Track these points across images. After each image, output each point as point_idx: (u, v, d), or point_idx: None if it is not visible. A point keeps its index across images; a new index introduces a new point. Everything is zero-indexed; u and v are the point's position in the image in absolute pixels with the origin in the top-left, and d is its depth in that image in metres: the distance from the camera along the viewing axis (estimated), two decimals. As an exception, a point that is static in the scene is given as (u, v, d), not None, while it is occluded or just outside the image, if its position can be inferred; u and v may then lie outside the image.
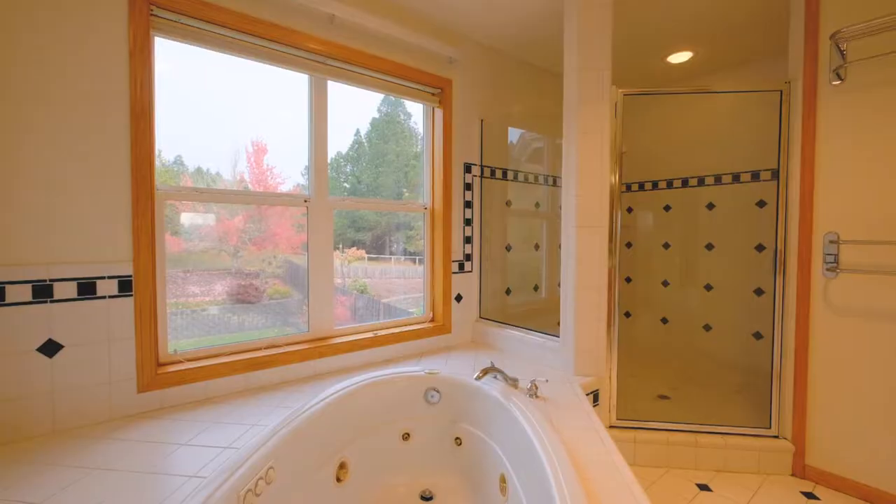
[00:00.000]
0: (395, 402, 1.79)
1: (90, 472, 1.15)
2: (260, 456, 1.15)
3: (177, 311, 1.81)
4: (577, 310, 2.02)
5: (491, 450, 1.60)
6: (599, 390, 2.03)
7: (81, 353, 1.40)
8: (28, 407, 1.32)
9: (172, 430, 1.39)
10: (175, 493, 1.05)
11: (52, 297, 1.36)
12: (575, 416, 1.57)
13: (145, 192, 1.50)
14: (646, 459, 2.05)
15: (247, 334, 2.04)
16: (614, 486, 1.12)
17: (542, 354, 2.20)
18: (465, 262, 2.61)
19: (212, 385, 1.66)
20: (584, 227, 2.01)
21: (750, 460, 2.02)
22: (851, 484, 1.86)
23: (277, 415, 1.51)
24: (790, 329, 2.00)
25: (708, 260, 2.92)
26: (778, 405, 2.05)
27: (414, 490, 1.68)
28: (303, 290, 2.14)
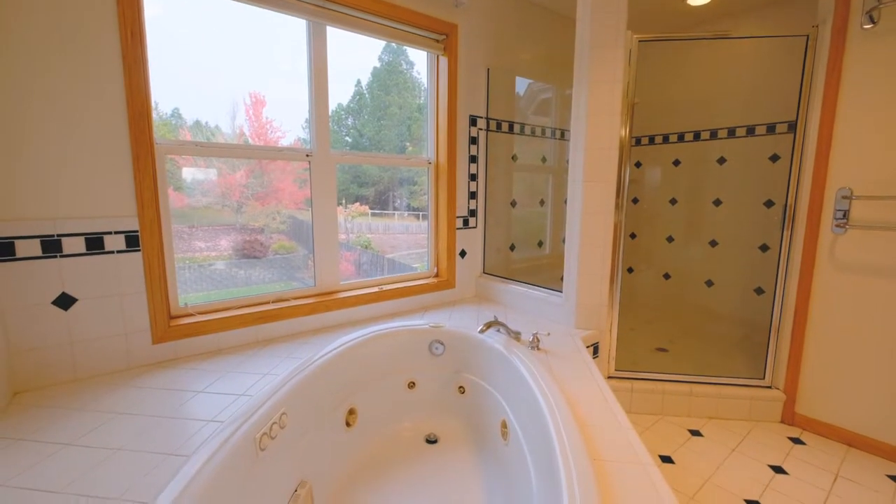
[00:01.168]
0: (401, 353, 1.86)
1: (114, 416, 1.21)
2: (273, 402, 1.21)
3: (184, 266, 1.83)
4: (581, 265, 2.03)
5: (493, 397, 1.68)
6: (599, 343, 2.09)
7: (95, 306, 1.44)
8: (50, 356, 1.38)
9: (188, 379, 1.46)
10: (195, 436, 1.12)
11: (62, 251, 1.37)
12: (575, 367, 1.62)
13: (144, 145, 1.48)
14: (641, 407, 2.14)
15: (254, 288, 2.08)
16: (610, 431, 1.18)
17: (544, 309, 2.24)
18: (470, 218, 2.59)
19: (223, 337, 1.72)
20: (590, 182, 1.97)
21: (741, 408, 2.10)
22: (836, 430, 1.95)
23: (287, 365, 1.57)
24: (793, 284, 2.02)
25: (715, 216, 2.89)
26: (773, 358, 2.11)
27: (419, 434, 1.78)
28: (307, 245, 2.15)
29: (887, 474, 1.74)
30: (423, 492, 1.46)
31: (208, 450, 0.98)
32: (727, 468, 1.76)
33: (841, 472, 1.75)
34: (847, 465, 1.79)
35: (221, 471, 0.94)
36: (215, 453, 0.96)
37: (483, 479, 1.50)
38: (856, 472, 1.75)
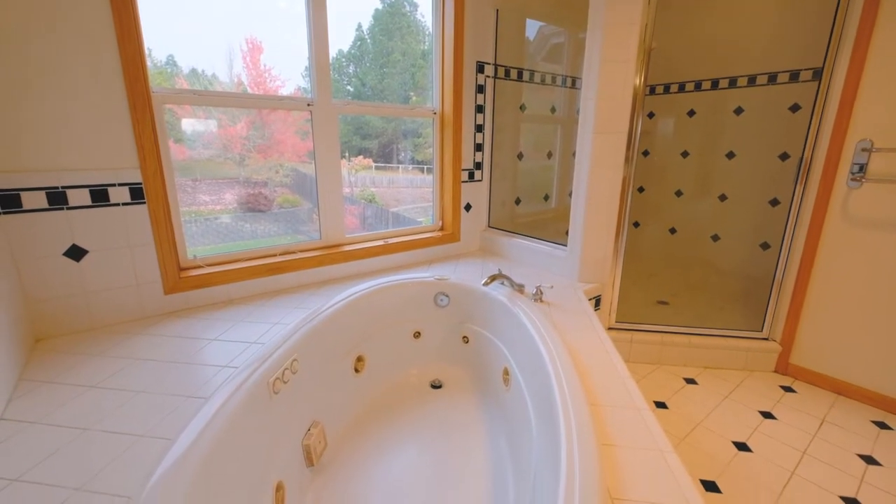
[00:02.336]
0: (407, 304, 1.90)
1: (134, 362, 1.27)
2: (285, 349, 1.26)
3: (190, 220, 1.84)
4: (587, 219, 2.01)
5: (496, 347, 1.73)
6: (602, 296, 2.12)
7: (106, 258, 1.47)
8: (66, 305, 1.42)
9: (201, 328, 1.51)
10: (211, 380, 1.18)
11: (68, 204, 1.38)
12: (576, 318, 1.65)
13: (140, 94, 1.43)
14: (639, 357, 2.21)
15: (260, 241, 2.10)
16: (608, 379, 1.23)
17: (548, 262, 2.26)
18: (475, 171, 2.55)
19: (232, 288, 1.76)
20: (601, 134, 1.91)
21: (737, 359, 2.17)
22: (827, 379, 2.02)
23: (296, 315, 1.62)
24: (800, 239, 2.00)
25: (726, 169, 2.81)
26: (773, 311, 2.14)
27: (425, 379, 1.86)
28: (311, 198, 2.14)
29: (872, 420, 1.81)
30: (428, 431, 1.55)
31: (225, 392, 1.03)
32: (718, 413, 1.84)
33: (828, 417, 1.83)
34: (834, 412, 1.87)
35: (238, 411, 1.00)
36: (232, 396, 1.02)
37: (485, 422, 1.59)
38: (842, 417, 1.83)
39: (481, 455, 1.42)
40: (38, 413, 1.03)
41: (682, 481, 0.85)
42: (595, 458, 0.84)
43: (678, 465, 0.89)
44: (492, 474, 1.34)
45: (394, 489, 1.29)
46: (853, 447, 1.65)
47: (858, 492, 1.44)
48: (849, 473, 1.52)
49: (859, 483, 1.48)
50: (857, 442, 1.68)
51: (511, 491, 1.25)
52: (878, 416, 1.84)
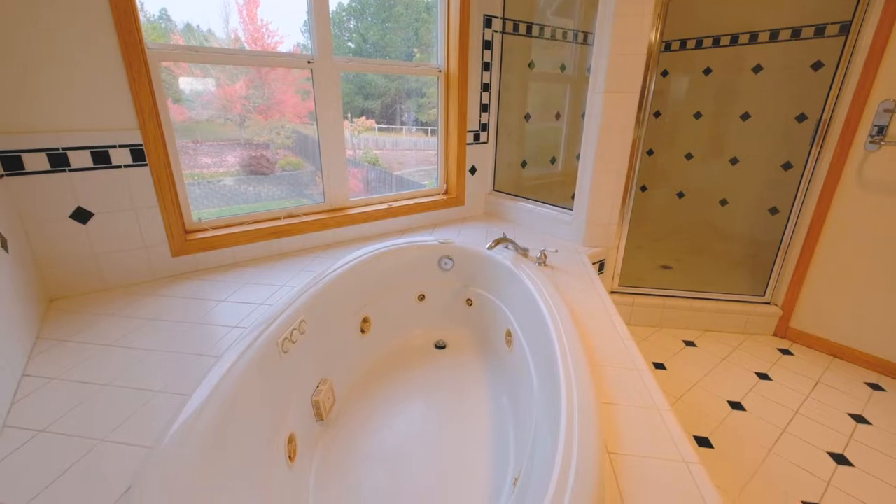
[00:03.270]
0: (411, 268, 1.91)
1: (147, 322, 1.31)
2: (292, 311, 1.29)
3: (194, 182, 1.83)
4: (594, 183, 1.98)
5: (499, 309, 1.76)
6: (606, 260, 2.12)
7: (112, 220, 1.48)
8: (77, 267, 1.45)
9: (209, 290, 1.54)
10: (222, 339, 1.21)
11: (70, 165, 1.37)
12: (580, 282, 1.67)
13: (135, 50, 1.38)
14: (641, 320, 2.25)
15: (264, 204, 2.09)
16: (609, 341, 1.25)
17: (553, 226, 2.25)
18: (481, 133, 2.49)
19: (238, 251, 1.78)
20: (612, 93, 1.84)
21: (737, 322, 2.20)
22: (825, 342, 2.05)
23: (302, 278, 1.64)
24: (811, 203, 1.97)
25: (740, 131, 2.73)
26: (777, 276, 2.14)
27: (429, 340, 1.91)
28: (314, 161, 2.11)
29: (866, 381, 1.85)
30: (432, 389, 1.60)
31: (236, 351, 1.06)
32: (715, 374, 1.89)
33: (822, 379, 1.87)
34: (829, 374, 1.91)
35: (249, 369, 1.03)
36: (243, 354, 1.05)
37: (488, 380, 1.64)
38: (837, 379, 1.87)
39: (483, 411, 1.48)
40: (57, 369, 1.07)
41: (678, 437, 0.88)
42: (594, 415, 0.87)
43: (674, 422, 0.93)
44: (493, 429, 1.40)
45: (399, 441, 1.36)
46: (845, 407, 1.70)
47: (846, 448, 1.50)
48: (838, 431, 1.58)
49: (848, 440, 1.54)
50: (850, 402, 1.73)
51: (511, 444, 1.31)
52: (873, 379, 1.88)
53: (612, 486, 0.77)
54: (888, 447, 1.50)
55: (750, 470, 1.40)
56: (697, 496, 0.75)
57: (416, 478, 1.23)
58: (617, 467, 0.81)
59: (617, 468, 0.81)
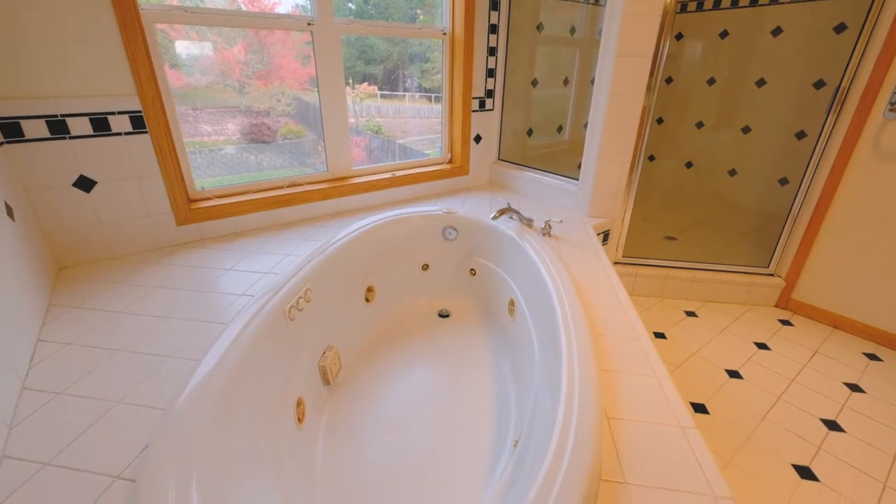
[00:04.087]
0: (415, 237, 1.91)
1: (155, 290, 1.33)
2: (298, 279, 1.30)
3: (195, 151, 1.81)
4: (601, 152, 1.94)
5: (502, 279, 1.77)
6: (610, 231, 2.11)
7: (115, 189, 1.47)
8: (84, 236, 1.46)
9: (215, 258, 1.55)
10: (230, 307, 1.23)
11: (70, 133, 1.35)
12: (584, 253, 1.67)
13: (129, 10, 1.33)
14: (643, 290, 2.26)
15: (266, 173, 2.08)
16: (612, 310, 1.26)
17: (559, 197, 2.22)
18: (486, 100, 2.42)
19: (242, 220, 1.78)
20: (624, 58, 1.78)
21: (739, 293, 2.21)
22: (826, 314, 2.06)
23: (307, 247, 1.65)
24: (823, 173, 1.93)
25: (754, 98, 2.64)
26: (782, 247, 2.13)
27: (433, 309, 1.94)
28: (315, 129, 2.08)
29: (864, 352, 1.88)
30: (436, 356, 1.64)
31: (244, 319, 1.08)
32: (715, 344, 1.91)
33: (821, 349, 1.90)
34: (828, 344, 1.93)
35: (257, 336, 1.06)
36: (250, 321, 1.07)
37: (490, 348, 1.67)
38: (835, 349, 1.90)
39: (485, 377, 1.52)
40: (71, 335, 1.10)
41: (675, 403, 0.91)
42: (594, 382, 0.89)
43: (672, 389, 0.95)
44: (494, 394, 1.44)
45: (404, 405, 1.40)
46: (841, 376, 1.73)
47: (838, 415, 1.54)
48: (833, 399, 1.61)
49: (841, 408, 1.57)
50: (846, 372, 1.76)
51: (512, 409, 1.35)
52: (870, 349, 1.90)
53: (610, 449, 0.80)
54: (880, 414, 1.54)
55: (743, 435, 1.44)
56: (692, 458, 0.78)
57: (420, 439, 1.27)
58: (615, 431, 0.84)
59: (615, 432, 0.84)
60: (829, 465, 1.34)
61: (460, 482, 1.14)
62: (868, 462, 1.36)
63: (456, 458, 1.21)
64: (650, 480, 0.74)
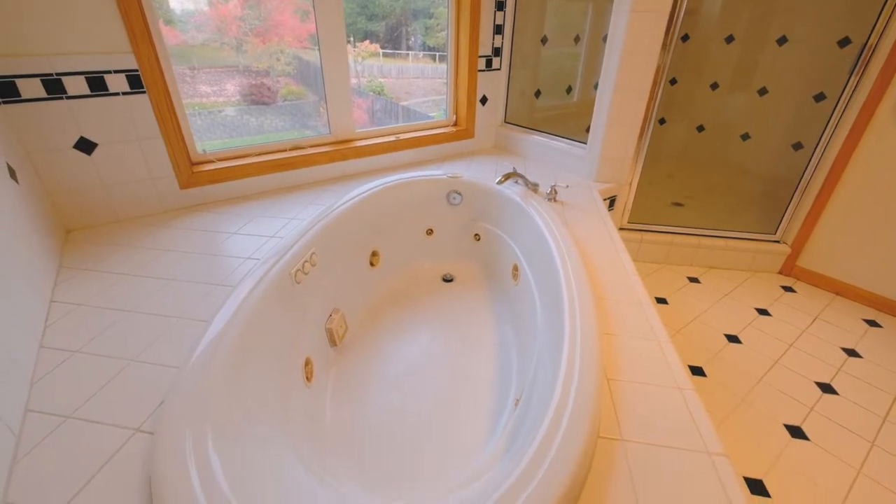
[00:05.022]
0: (420, 202, 1.90)
1: (162, 253, 1.34)
2: (303, 243, 1.31)
3: (194, 113, 1.78)
4: (611, 114, 1.89)
5: (507, 244, 1.77)
6: (617, 196, 2.09)
7: (116, 151, 1.46)
8: (88, 199, 1.46)
9: (220, 222, 1.55)
10: (237, 270, 1.25)
11: (66, 92, 1.32)
12: (589, 218, 1.65)
13: (117, -41, 1.27)
14: (647, 256, 2.26)
15: (268, 136, 2.04)
16: (615, 276, 1.27)
17: (565, 161, 2.18)
18: (494, 59, 2.33)
19: (246, 184, 1.77)
20: (639, 13, 1.69)
21: (743, 260, 2.20)
22: (829, 281, 2.06)
23: (311, 211, 1.64)
24: (839, 138, 1.88)
25: (774, 57, 2.52)
26: (791, 214, 2.10)
27: (437, 273, 1.95)
28: (317, 90, 2.02)
29: (864, 318, 1.89)
30: (440, 319, 1.67)
31: (251, 281, 1.10)
32: (716, 309, 1.93)
33: (822, 315, 1.91)
34: (829, 310, 1.95)
35: (265, 298, 1.07)
36: (258, 284, 1.09)
37: (493, 311, 1.70)
38: (835, 315, 1.91)
39: (488, 339, 1.55)
40: (82, 296, 1.12)
41: (674, 366, 0.93)
42: (595, 344, 0.90)
43: (672, 352, 0.97)
44: (497, 355, 1.47)
45: (408, 365, 1.44)
46: (839, 341, 1.76)
47: (833, 379, 1.57)
48: (829, 364, 1.64)
49: (836, 372, 1.61)
50: (844, 337, 1.78)
51: (514, 369, 1.39)
52: (871, 315, 1.91)
53: (609, 408, 0.82)
54: (874, 378, 1.57)
55: (739, 396, 1.49)
56: (688, 417, 0.80)
57: (424, 397, 1.32)
58: (614, 391, 0.86)
59: (614, 392, 0.86)
60: (820, 426, 1.39)
61: (462, 437, 1.19)
62: (858, 422, 1.40)
63: (458, 415, 1.26)
64: (646, 437, 0.77)
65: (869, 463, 1.27)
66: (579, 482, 0.66)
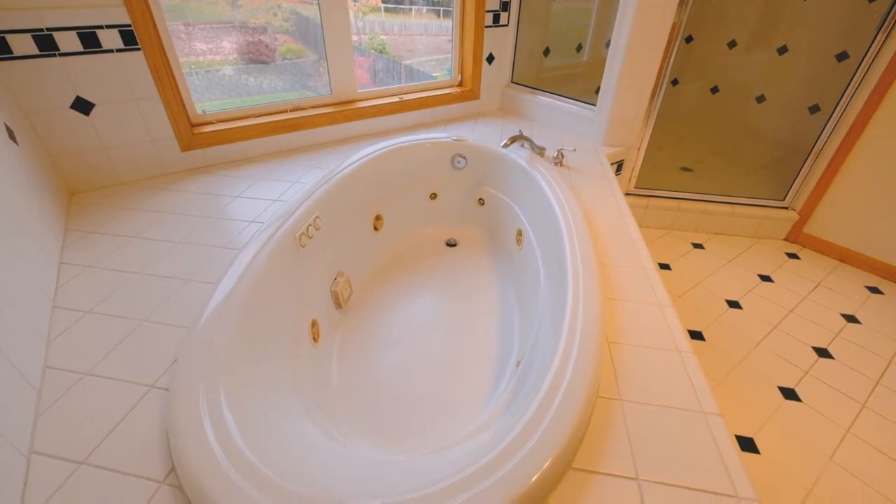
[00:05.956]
0: (424, 165, 1.87)
1: (166, 216, 1.34)
2: (306, 207, 1.30)
3: (191, 72, 1.72)
4: (623, 74, 1.82)
5: (511, 209, 1.76)
6: (625, 161, 2.05)
7: (115, 112, 1.43)
8: (89, 161, 1.44)
9: (223, 185, 1.54)
10: (242, 233, 1.25)
11: (59, 49, 1.28)
12: (596, 183, 1.63)
13: None
14: (652, 222, 2.24)
15: (267, 97, 1.99)
16: (620, 242, 1.27)
17: (573, 123, 2.13)
18: (501, 14, 2.22)
19: (248, 146, 1.74)
20: (654, -39, 1.59)
21: (750, 226, 2.18)
22: (835, 248, 2.05)
23: (314, 174, 1.63)
24: (860, 99, 1.81)
25: (797, 13, 2.38)
26: (802, 180, 2.06)
27: (440, 238, 1.95)
28: (317, 48, 1.94)
29: (866, 285, 1.90)
30: (443, 282, 1.69)
31: (256, 244, 1.11)
32: (718, 275, 1.94)
33: (824, 282, 1.92)
34: (832, 277, 1.95)
35: (270, 261, 1.08)
36: (263, 247, 1.10)
37: (496, 276, 1.71)
38: (838, 282, 1.92)
39: (491, 302, 1.57)
40: (90, 258, 1.14)
41: (675, 330, 0.94)
42: (597, 308, 0.92)
43: (673, 316, 0.98)
44: (499, 318, 1.50)
45: (413, 327, 1.47)
46: (839, 308, 1.77)
47: (831, 344, 1.60)
48: (827, 329, 1.66)
49: (834, 337, 1.63)
50: (845, 303, 1.79)
51: (516, 332, 1.42)
52: (874, 282, 1.92)
53: (609, 370, 0.85)
54: (871, 344, 1.60)
55: (736, 359, 1.52)
56: (686, 379, 0.82)
57: (428, 357, 1.36)
58: (615, 354, 0.88)
59: (615, 355, 0.88)
60: (813, 388, 1.42)
61: (465, 396, 1.23)
62: (851, 385, 1.43)
63: (461, 375, 1.30)
64: (644, 398, 0.79)
65: (857, 423, 1.31)
66: (578, 437, 0.69)
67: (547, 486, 0.62)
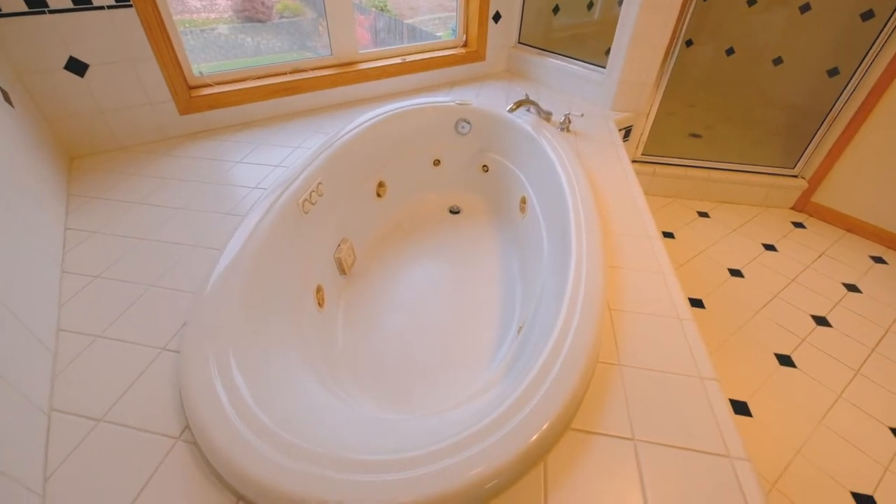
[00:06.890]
0: (427, 131, 1.84)
1: (168, 181, 1.33)
2: (309, 173, 1.29)
3: (186, 31, 1.66)
4: (635, 34, 1.74)
5: (515, 176, 1.74)
6: (633, 126, 2.00)
7: (109, 73, 1.39)
8: (87, 125, 1.42)
9: (224, 150, 1.52)
10: (244, 199, 1.25)
11: (48, 6, 1.23)
12: (603, 150, 1.60)
13: None
14: (658, 190, 2.22)
15: (266, 58, 1.92)
16: (626, 210, 1.26)
17: (582, 87, 2.06)
18: (507, -33, 2.10)
19: (248, 109, 1.70)
20: None
21: (757, 195, 2.16)
22: (842, 217, 2.03)
23: (316, 139, 1.60)
24: (883, 61, 1.74)
25: (823, -34, 2.24)
26: (814, 147, 2.02)
27: (444, 205, 1.94)
28: (315, 5, 1.86)
29: (870, 255, 1.89)
30: (446, 249, 1.70)
31: (260, 210, 1.10)
32: (723, 244, 1.93)
33: (828, 252, 1.91)
34: (836, 247, 1.94)
35: (274, 227, 1.08)
36: (266, 213, 1.09)
37: (499, 243, 1.71)
38: (842, 252, 1.91)
39: (493, 269, 1.58)
40: (95, 224, 1.14)
41: (676, 297, 0.95)
42: (600, 276, 0.92)
43: (675, 284, 0.99)
44: (502, 285, 1.51)
45: (416, 292, 1.49)
46: (841, 277, 1.77)
47: (830, 312, 1.61)
48: (828, 298, 1.67)
49: (834, 306, 1.64)
50: (848, 273, 1.79)
51: (518, 298, 1.43)
52: (878, 252, 1.91)
53: (609, 335, 0.86)
54: (870, 313, 1.61)
55: (734, 326, 1.54)
56: (685, 346, 0.84)
57: (430, 321, 1.38)
58: (616, 321, 0.90)
59: (616, 321, 0.89)
60: (809, 355, 1.45)
61: (467, 359, 1.26)
62: (846, 353, 1.46)
63: (463, 339, 1.33)
64: (643, 363, 0.81)
65: (850, 389, 1.35)
66: (577, 400, 0.71)
67: (546, 445, 0.65)
